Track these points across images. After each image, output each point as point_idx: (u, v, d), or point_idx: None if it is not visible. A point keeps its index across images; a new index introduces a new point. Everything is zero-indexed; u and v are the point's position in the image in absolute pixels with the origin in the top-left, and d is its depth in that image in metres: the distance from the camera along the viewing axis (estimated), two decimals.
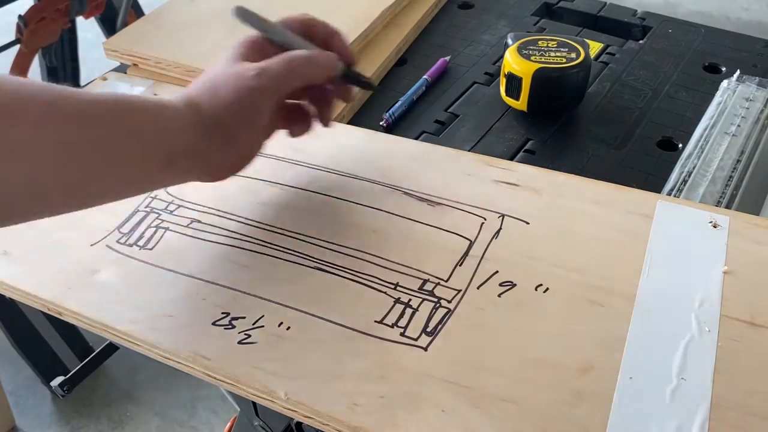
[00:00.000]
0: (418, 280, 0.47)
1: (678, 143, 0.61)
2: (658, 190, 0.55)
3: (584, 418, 0.38)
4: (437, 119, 0.65)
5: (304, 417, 0.40)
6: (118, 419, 1.31)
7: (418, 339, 0.43)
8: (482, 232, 0.50)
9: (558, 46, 0.62)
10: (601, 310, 0.44)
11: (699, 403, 0.39)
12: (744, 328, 0.42)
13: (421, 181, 0.54)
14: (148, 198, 0.54)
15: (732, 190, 0.55)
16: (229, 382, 0.42)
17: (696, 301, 0.44)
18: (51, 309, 0.47)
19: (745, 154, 0.58)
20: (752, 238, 0.48)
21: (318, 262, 0.48)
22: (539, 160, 0.59)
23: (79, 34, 1.69)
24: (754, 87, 0.64)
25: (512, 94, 0.63)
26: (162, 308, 0.45)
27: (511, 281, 0.46)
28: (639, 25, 0.77)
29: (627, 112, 0.65)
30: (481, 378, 0.41)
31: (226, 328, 0.44)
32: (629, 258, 0.47)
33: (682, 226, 0.49)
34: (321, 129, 0.52)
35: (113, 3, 1.61)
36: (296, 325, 0.44)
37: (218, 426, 1.30)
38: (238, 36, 0.71)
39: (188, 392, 1.34)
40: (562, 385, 0.40)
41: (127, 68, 0.71)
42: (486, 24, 0.79)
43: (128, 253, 0.50)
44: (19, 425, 1.31)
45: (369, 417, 0.39)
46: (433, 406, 0.39)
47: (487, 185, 0.54)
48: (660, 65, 0.71)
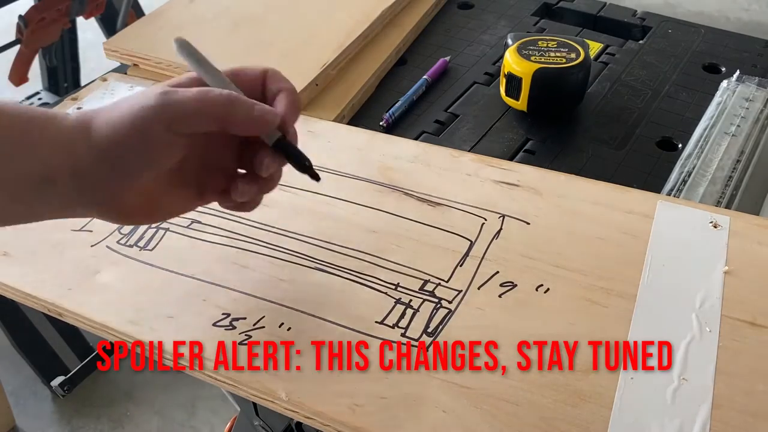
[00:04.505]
0: (418, 281, 0.47)
1: (678, 143, 0.61)
2: (658, 190, 0.55)
3: (585, 418, 0.38)
4: (437, 119, 0.65)
5: (305, 418, 0.40)
6: (118, 419, 1.31)
7: (419, 340, 0.43)
8: (483, 232, 0.50)
9: (558, 46, 0.62)
10: (601, 310, 0.44)
11: (700, 404, 0.39)
12: (745, 328, 0.42)
13: (421, 181, 0.54)
14: None
15: (732, 190, 0.55)
16: (229, 382, 0.42)
17: (697, 302, 0.44)
18: (51, 310, 0.47)
19: (745, 154, 0.58)
20: (753, 239, 0.48)
21: (318, 263, 0.48)
22: (539, 160, 0.59)
23: (79, 34, 1.70)
24: (754, 87, 0.64)
25: (512, 94, 0.63)
26: (162, 309, 0.45)
27: (512, 281, 0.46)
28: (639, 25, 0.77)
29: (627, 112, 0.65)
30: (482, 378, 0.41)
31: (226, 329, 0.44)
32: (630, 258, 0.47)
33: (682, 227, 0.49)
34: (321, 128, 0.52)
35: (113, 3, 1.61)
36: (297, 325, 0.44)
37: (218, 426, 1.30)
38: (238, 36, 0.71)
39: (188, 392, 1.34)
40: (562, 386, 0.40)
41: (127, 68, 0.71)
42: (486, 24, 0.79)
43: (128, 254, 0.50)
44: (19, 425, 1.31)
45: (370, 418, 0.39)
46: (433, 407, 0.39)
47: (487, 185, 0.54)
48: (660, 65, 0.71)
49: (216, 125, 0.39)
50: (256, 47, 0.68)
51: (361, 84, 0.67)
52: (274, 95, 0.42)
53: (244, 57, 0.66)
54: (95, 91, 0.67)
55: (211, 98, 0.39)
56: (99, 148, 0.38)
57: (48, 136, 0.38)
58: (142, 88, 0.66)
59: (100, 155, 0.38)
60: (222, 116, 0.39)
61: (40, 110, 0.39)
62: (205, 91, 0.39)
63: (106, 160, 0.38)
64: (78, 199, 0.39)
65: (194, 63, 0.42)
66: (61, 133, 0.38)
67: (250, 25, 0.72)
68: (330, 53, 0.67)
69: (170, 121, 0.38)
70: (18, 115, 0.38)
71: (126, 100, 0.39)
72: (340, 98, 0.65)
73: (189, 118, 0.38)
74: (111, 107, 0.39)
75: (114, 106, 0.39)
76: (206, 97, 0.39)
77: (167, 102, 0.38)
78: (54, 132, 0.38)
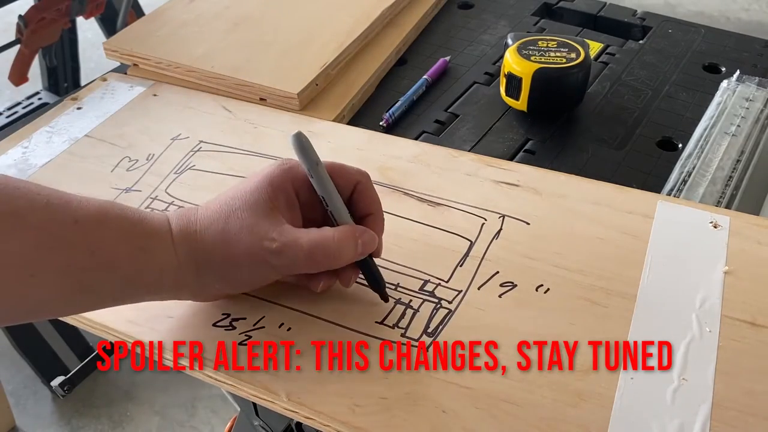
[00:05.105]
0: (418, 281, 0.47)
1: (678, 143, 0.61)
2: (658, 190, 0.55)
3: (585, 418, 0.38)
4: (437, 119, 0.65)
5: (305, 418, 0.40)
6: (118, 419, 1.31)
7: (419, 340, 0.43)
8: (483, 232, 0.50)
9: (558, 46, 0.62)
10: (601, 310, 0.44)
11: (700, 404, 0.39)
12: (745, 328, 0.42)
13: (421, 181, 0.54)
14: (149, 199, 0.54)
15: (732, 190, 0.55)
16: (229, 383, 0.42)
17: (697, 302, 0.44)
18: None
19: (745, 154, 0.58)
20: (753, 239, 0.48)
21: None
22: (539, 160, 0.59)
23: (79, 34, 1.70)
24: (754, 87, 0.64)
25: (512, 94, 0.63)
26: (162, 309, 0.45)
27: (512, 282, 0.46)
28: (639, 25, 0.77)
29: (627, 112, 0.65)
30: (482, 378, 0.41)
31: (226, 329, 0.44)
32: (630, 258, 0.47)
33: (682, 227, 0.49)
34: (321, 128, 0.52)
35: (113, 3, 1.61)
36: (297, 326, 0.44)
37: (218, 426, 1.30)
38: (238, 36, 0.71)
39: (188, 392, 1.34)
40: (562, 386, 0.40)
41: (127, 68, 0.71)
42: (486, 24, 0.79)
43: None
44: (19, 425, 1.31)
45: (370, 418, 0.39)
46: (433, 407, 0.39)
47: (487, 185, 0.54)
48: (660, 65, 0.71)
49: (320, 270, 0.43)
50: (256, 47, 0.68)
51: (361, 84, 0.67)
52: (363, 213, 0.44)
53: (244, 57, 0.66)
54: (95, 91, 0.67)
55: (320, 255, 0.41)
56: (207, 274, 0.41)
57: (148, 261, 0.40)
58: (142, 88, 0.67)
59: (208, 279, 0.42)
60: (327, 266, 0.42)
61: (137, 217, 0.41)
62: (313, 246, 0.41)
63: (212, 282, 0.42)
64: (171, 298, 0.43)
65: (309, 168, 0.42)
66: (162, 256, 0.40)
67: (250, 24, 0.72)
68: (330, 53, 0.67)
69: (283, 269, 0.42)
70: (120, 224, 0.40)
71: (236, 240, 0.41)
72: (340, 98, 0.65)
73: (300, 271, 0.42)
74: (219, 238, 0.41)
75: (224, 241, 0.41)
76: (315, 254, 0.41)
77: (285, 265, 0.41)
78: (154, 254, 0.40)
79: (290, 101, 0.63)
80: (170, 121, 0.63)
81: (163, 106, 0.65)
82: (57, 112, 0.65)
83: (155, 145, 0.60)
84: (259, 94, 0.64)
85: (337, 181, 0.43)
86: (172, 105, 0.65)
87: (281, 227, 0.41)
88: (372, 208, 0.44)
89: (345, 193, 0.43)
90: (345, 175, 0.43)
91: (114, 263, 0.39)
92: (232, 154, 0.58)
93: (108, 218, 0.39)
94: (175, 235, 0.41)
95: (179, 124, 0.62)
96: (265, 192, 0.41)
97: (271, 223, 0.41)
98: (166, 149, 0.59)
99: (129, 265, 0.39)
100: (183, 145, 0.60)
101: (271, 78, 0.64)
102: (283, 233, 0.40)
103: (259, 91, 0.64)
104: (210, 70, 0.65)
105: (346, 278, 0.44)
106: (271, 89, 0.63)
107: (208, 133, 0.61)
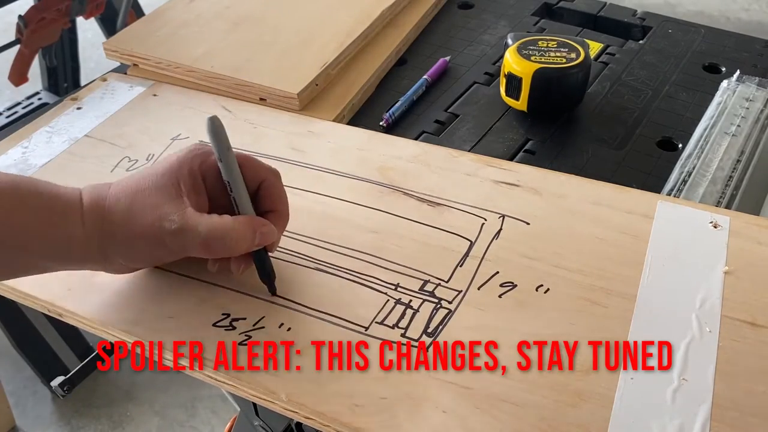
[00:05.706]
0: (418, 281, 0.47)
1: (678, 143, 0.61)
2: (658, 190, 0.55)
3: (585, 418, 0.38)
4: (437, 119, 0.65)
5: (305, 418, 0.40)
6: (118, 419, 1.31)
7: (418, 340, 0.43)
8: (483, 232, 0.50)
9: (558, 46, 0.62)
10: (601, 310, 0.44)
11: (700, 404, 0.39)
12: (745, 328, 0.42)
13: (421, 181, 0.54)
14: None
15: (732, 190, 0.55)
16: (229, 383, 0.42)
17: (697, 302, 0.44)
18: (51, 311, 0.47)
19: (745, 154, 0.58)
20: (753, 239, 0.48)
21: (318, 263, 0.48)
22: (539, 160, 0.59)
23: (79, 34, 1.70)
24: (754, 87, 0.64)
25: (512, 94, 0.63)
26: (162, 310, 0.45)
27: (512, 282, 0.46)
28: (639, 25, 0.77)
29: (627, 112, 0.65)
30: (482, 378, 0.41)
31: (226, 329, 0.44)
32: (630, 258, 0.47)
33: (682, 227, 0.49)
34: (321, 128, 0.52)
35: (113, 3, 1.61)
36: (297, 326, 0.44)
37: (218, 426, 1.30)
38: (238, 36, 0.71)
39: (188, 392, 1.34)
40: (562, 386, 0.40)
41: (127, 68, 0.71)
42: (486, 24, 0.79)
43: None
44: (19, 425, 1.31)
45: (370, 418, 0.39)
46: (434, 407, 0.39)
47: (487, 185, 0.54)
48: (660, 65, 0.71)
49: (213, 257, 0.45)
50: (256, 47, 0.68)
51: (361, 84, 0.67)
52: (267, 208, 0.45)
53: (244, 57, 0.66)
54: (95, 91, 0.67)
55: (214, 242, 0.42)
56: (110, 246, 0.43)
57: (60, 232, 0.42)
58: (142, 88, 0.67)
59: (112, 250, 0.43)
60: (220, 253, 0.43)
61: (52, 193, 0.42)
62: (209, 233, 0.42)
63: (116, 255, 0.44)
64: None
65: (219, 152, 0.43)
66: (72, 228, 0.42)
67: (250, 24, 0.72)
68: (330, 53, 0.67)
69: (178, 251, 0.43)
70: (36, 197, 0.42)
71: (141, 213, 0.42)
72: (340, 98, 0.65)
73: (194, 254, 0.43)
74: (125, 212, 0.42)
75: (129, 214, 0.42)
76: (209, 241, 0.42)
77: (180, 246, 0.42)
78: (65, 226, 0.42)
79: (290, 101, 0.63)
80: (170, 121, 0.63)
81: (163, 106, 0.65)
82: (57, 112, 0.65)
83: (155, 145, 0.60)
84: (259, 94, 0.64)
85: (245, 172, 0.44)
86: (172, 105, 0.65)
87: (184, 210, 0.42)
88: (277, 206, 0.46)
89: (251, 185, 0.45)
90: (254, 168, 0.45)
91: (24, 235, 0.41)
92: None
93: (19, 190, 0.41)
94: (86, 208, 0.42)
95: (179, 124, 0.62)
96: (173, 175, 0.43)
97: (175, 206, 0.42)
98: (166, 149, 0.59)
99: (39, 237, 0.41)
100: (183, 145, 0.59)
101: (271, 78, 0.64)
102: (183, 216, 0.42)
103: (259, 91, 0.64)
104: (210, 70, 0.65)
105: (236, 266, 0.45)
106: (271, 89, 0.63)
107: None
